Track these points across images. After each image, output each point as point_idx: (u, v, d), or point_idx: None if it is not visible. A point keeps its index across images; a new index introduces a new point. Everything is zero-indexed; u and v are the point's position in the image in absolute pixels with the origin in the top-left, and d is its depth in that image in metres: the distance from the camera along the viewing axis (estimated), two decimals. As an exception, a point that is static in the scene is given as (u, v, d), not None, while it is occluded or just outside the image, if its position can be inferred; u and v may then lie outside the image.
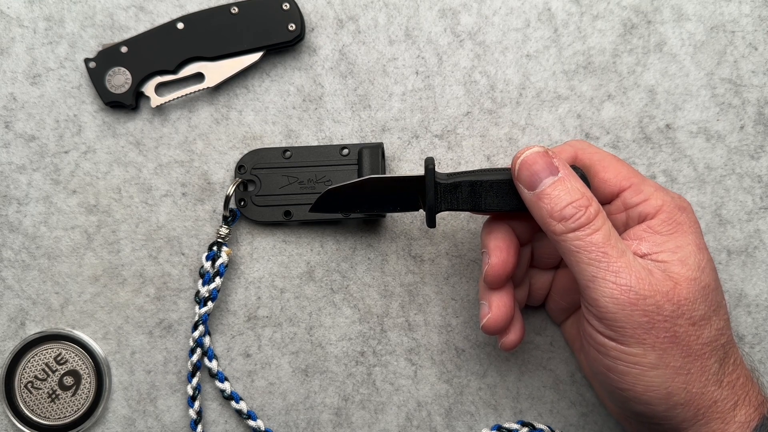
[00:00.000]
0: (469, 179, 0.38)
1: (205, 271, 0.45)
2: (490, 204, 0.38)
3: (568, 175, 0.36)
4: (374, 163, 0.44)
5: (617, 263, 0.34)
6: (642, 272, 0.34)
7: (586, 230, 0.35)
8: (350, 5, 0.46)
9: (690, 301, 0.34)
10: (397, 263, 0.46)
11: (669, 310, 0.34)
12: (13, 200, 0.46)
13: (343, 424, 0.45)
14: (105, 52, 0.46)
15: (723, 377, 0.35)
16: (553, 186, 0.36)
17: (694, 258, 0.35)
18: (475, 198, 0.38)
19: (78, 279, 0.46)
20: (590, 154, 0.39)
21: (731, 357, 0.36)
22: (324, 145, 0.45)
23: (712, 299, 0.35)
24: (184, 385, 0.46)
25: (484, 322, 0.40)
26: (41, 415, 0.45)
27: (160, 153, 0.47)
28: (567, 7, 0.46)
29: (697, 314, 0.35)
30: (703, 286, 0.35)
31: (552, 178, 0.36)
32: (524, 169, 0.36)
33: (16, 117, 0.47)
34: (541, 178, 0.36)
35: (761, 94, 0.45)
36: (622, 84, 0.46)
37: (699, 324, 0.35)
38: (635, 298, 0.34)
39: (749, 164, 0.45)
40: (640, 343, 0.34)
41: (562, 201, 0.35)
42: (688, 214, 0.37)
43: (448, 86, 0.46)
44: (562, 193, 0.35)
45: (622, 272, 0.34)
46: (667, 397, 0.34)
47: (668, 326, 0.34)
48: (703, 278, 0.35)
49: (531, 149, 0.37)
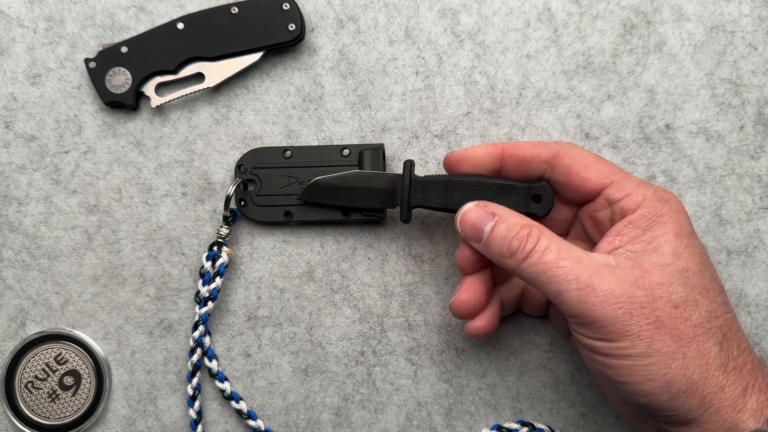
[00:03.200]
0: (442, 179, 0.41)
1: (206, 271, 0.45)
2: (460, 203, 0.40)
3: (503, 215, 0.38)
4: (375, 165, 0.44)
5: (574, 270, 0.35)
6: (603, 268, 0.35)
7: (535, 255, 0.36)
8: (350, 5, 0.46)
9: (664, 285, 0.35)
10: (397, 263, 0.46)
11: (642, 296, 0.34)
12: (13, 200, 0.47)
13: (343, 423, 0.45)
14: (105, 52, 0.46)
15: (727, 361, 0.34)
16: (493, 230, 0.38)
17: (669, 245, 0.36)
18: (447, 197, 0.41)
19: (78, 279, 0.46)
20: (571, 155, 0.39)
21: (734, 341, 0.35)
22: (325, 146, 0.45)
23: (694, 282, 0.35)
24: (184, 385, 0.46)
25: (450, 302, 0.41)
26: (41, 415, 0.45)
27: (160, 153, 0.47)
28: (567, 8, 0.46)
29: (677, 297, 0.35)
30: (680, 270, 0.35)
31: (491, 224, 0.38)
32: (466, 227, 0.39)
33: (16, 117, 0.47)
34: (482, 228, 0.38)
35: (761, 94, 0.45)
36: (622, 84, 0.46)
37: (682, 306, 0.35)
38: (603, 294, 0.34)
39: (749, 164, 0.45)
40: (624, 335, 0.34)
41: (506, 239, 0.37)
42: (670, 205, 0.37)
43: (448, 86, 0.46)
44: (503, 232, 0.38)
45: (582, 276, 0.35)
46: (667, 386, 0.34)
47: (647, 312, 0.34)
48: (679, 263, 0.35)
49: (465, 206, 0.39)
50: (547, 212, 0.40)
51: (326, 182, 0.44)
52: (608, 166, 0.39)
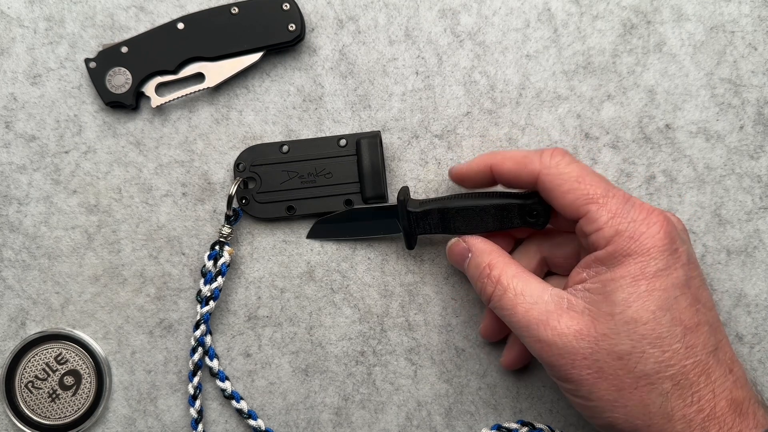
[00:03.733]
0: (438, 206, 0.42)
1: (207, 271, 0.45)
2: (459, 228, 0.42)
3: (474, 251, 0.40)
4: (373, 152, 0.44)
5: (526, 317, 0.37)
6: (553, 315, 0.36)
7: (495, 298, 0.38)
8: (350, 5, 0.46)
9: (608, 336, 0.34)
10: (397, 263, 0.46)
11: (585, 347, 0.35)
12: (13, 200, 0.47)
13: (343, 423, 0.45)
14: (105, 52, 0.46)
15: (674, 411, 0.34)
16: (468, 267, 0.41)
17: (622, 291, 0.35)
18: (445, 223, 0.42)
19: (78, 279, 0.46)
20: (551, 178, 0.37)
21: (689, 389, 0.34)
22: (321, 138, 0.45)
23: (643, 332, 0.34)
24: (184, 385, 0.46)
25: (480, 329, 0.44)
26: (42, 415, 0.45)
27: (160, 153, 0.47)
28: (567, 8, 0.46)
29: (621, 349, 0.34)
30: (627, 320, 0.34)
31: (467, 260, 0.41)
32: (451, 260, 0.43)
33: (16, 117, 0.47)
34: (462, 264, 0.41)
35: (761, 94, 0.45)
36: (622, 84, 0.46)
37: (626, 358, 0.34)
38: (547, 344, 0.36)
39: (749, 164, 0.45)
40: (569, 380, 0.36)
41: (474, 277, 0.40)
42: (641, 242, 0.35)
43: (448, 86, 0.46)
44: (473, 271, 0.40)
45: (531, 324, 0.36)
46: (610, 427, 0.35)
47: (589, 362, 0.35)
48: (627, 312, 0.34)
49: (450, 241, 0.42)
50: (543, 225, 0.40)
51: (329, 221, 0.45)
52: (587, 188, 0.37)
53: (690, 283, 0.35)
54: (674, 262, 0.35)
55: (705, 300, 0.36)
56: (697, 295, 0.36)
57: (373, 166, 0.44)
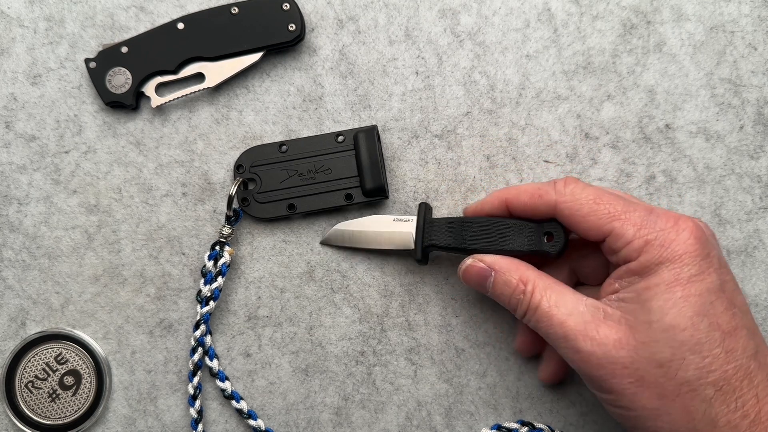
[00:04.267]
0: (456, 220, 0.42)
1: (207, 271, 0.45)
2: (474, 243, 0.41)
3: (499, 269, 0.39)
4: (371, 146, 0.44)
5: (563, 328, 0.36)
6: (590, 325, 0.36)
7: (530, 312, 0.38)
8: (350, 5, 0.46)
9: (647, 343, 0.34)
10: (397, 263, 0.46)
11: (625, 357, 0.35)
12: (13, 200, 0.47)
13: (343, 423, 0.46)
14: (105, 52, 0.46)
15: (719, 416, 0.34)
16: (494, 287, 0.40)
17: (658, 299, 0.34)
18: (460, 237, 0.42)
19: (78, 279, 0.46)
20: (569, 205, 0.38)
21: (732, 394, 0.34)
22: (319, 135, 0.46)
23: (682, 339, 0.34)
24: (184, 385, 0.46)
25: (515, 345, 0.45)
26: (42, 415, 0.45)
27: (160, 153, 0.47)
28: (567, 8, 0.46)
29: (661, 356, 0.34)
30: (665, 328, 0.34)
31: (491, 279, 0.40)
32: (469, 283, 0.41)
33: (16, 117, 0.47)
34: (483, 284, 0.40)
35: (761, 94, 0.45)
36: (622, 84, 0.46)
37: (667, 365, 0.34)
38: (586, 355, 0.36)
39: (749, 164, 0.45)
40: (609, 390, 0.35)
41: (505, 296, 0.39)
42: (673, 248, 0.35)
43: (448, 86, 0.46)
44: (501, 288, 0.39)
45: (569, 334, 0.36)
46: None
47: (629, 372, 0.35)
48: (665, 320, 0.34)
49: (463, 263, 0.41)
50: (559, 250, 0.40)
51: (344, 229, 0.45)
52: (606, 207, 0.37)
53: (724, 287, 0.35)
54: (707, 267, 0.35)
55: (740, 304, 0.36)
56: (732, 298, 0.35)
57: (371, 158, 0.44)
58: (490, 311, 0.45)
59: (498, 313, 0.45)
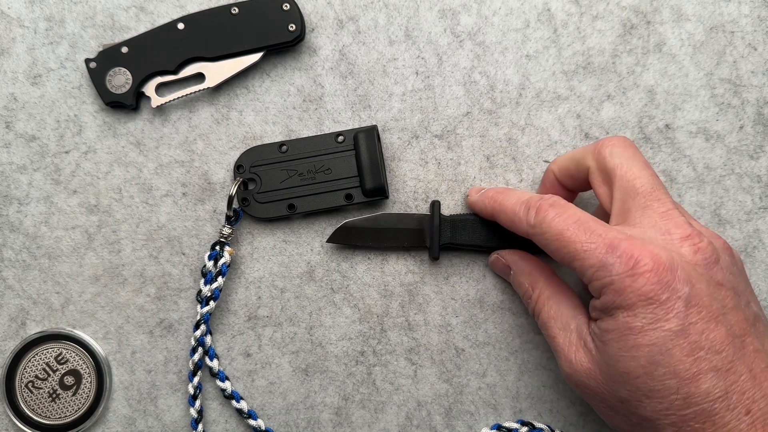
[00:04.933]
0: (469, 218, 0.44)
1: (207, 271, 0.45)
2: (486, 240, 0.44)
3: (516, 271, 0.43)
4: (371, 146, 0.44)
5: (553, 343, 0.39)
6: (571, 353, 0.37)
7: (535, 315, 0.41)
8: (350, 6, 0.46)
9: (609, 382, 0.35)
10: (397, 263, 0.46)
11: (595, 387, 0.36)
12: (13, 200, 0.47)
13: (343, 423, 0.46)
14: (105, 52, 0.46)
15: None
16: (512, 283, 0.44)
17: (612, 345, 0.34)
18: (474, 234, 0.44)
19: (79, 279, 0.46)
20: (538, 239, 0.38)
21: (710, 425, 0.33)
22: (319, 135, 0.46)
23: (637, 385, 0.33)
24: (184, 385, 0.46)
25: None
26: (42, 415, 0.46)
27: (160, 153, 0.47)
28: (566, 8, 0.46)
29: (622, 395, 0.35)
30: (620, 373, 0.34)
31: (510, 276, 0.44)
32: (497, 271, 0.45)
33: (16, 117, 0.47)
34: (506, 275, 0.44)
35: (760, 95, 0.45)
36: (622, 84, 0.46)
37: (627, 402, 0.34)
38: (567, 376, 0.38)
39: (748, 164, 0.45)
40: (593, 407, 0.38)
41: (519, 293, 0.43)
42: (625, 297, 0.33)
43: (447, 86, 0.46)
44: (516, 287, 0.43)
45: (557, 353, 0.39)
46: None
47: (599, 399, 0.36)
48: (620, 366, 0.34)
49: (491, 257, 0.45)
50: None
51: (355, 224, 0.45)
52: (569, 243, 0.35)
53: (688, 331, 0.33)
54: (665, 314, 0.33)
55: (715, 340, 0.33)
56: (699, 341, 0.33)
57: (371, 158, 0.44)
58: (490, 311, 0.46)
59: (498, 313, 0.45)
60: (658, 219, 0.36)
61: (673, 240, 0.35)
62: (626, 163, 0.38)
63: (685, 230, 0.35)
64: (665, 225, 0.36)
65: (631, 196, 0.37)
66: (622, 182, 0.38)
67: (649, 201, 0.37)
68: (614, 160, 0.38)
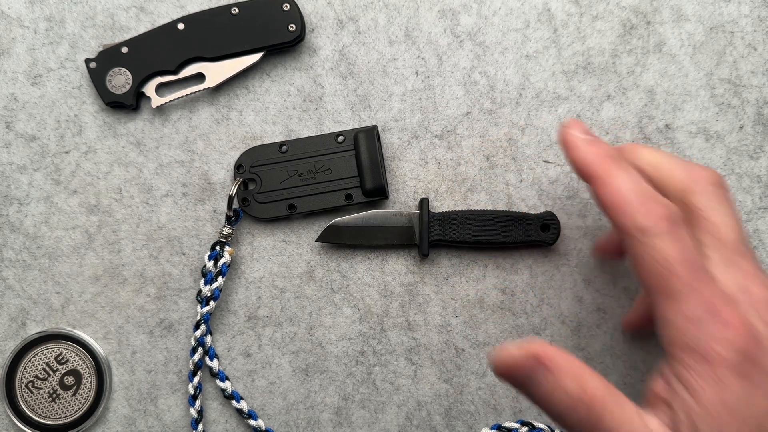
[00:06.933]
0: (458, 214, 0.44)
1: (207, 271, 0.45)
2: (476, 235, 0.44)
3: (558, 371, 0.32)
4: (371, 146, 0.44)
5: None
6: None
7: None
8: (350, 6, 0.46)
9: None
10: (397, 263, 0.46)
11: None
12: (14, 200, 0.47)
13: (343, 423, 0.46)
14: (105, 52, 0.46)
15: None
16: (542, 386, 0.32)
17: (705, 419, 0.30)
18: (463, 230, 0.44)
19: (79, 279, 0.46)
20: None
21: None
22: (319, 135, 0.46)
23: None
24: (184, 385, 0.46)
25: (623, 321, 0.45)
26: (42, 415, 0.46)
27: (160, 153, 0.47)
28: (566, 8, 0.46)
29: None
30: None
31: (538, 375, 0.32)
32: (502, 372, 0.32)
33: (16, 117, 0.47)
34: (523, 376, 0.33)
35: (760, 95, 0.45)
36: (622, 84, 0.46)
37: None
38: None
39: (748, 164, 0.45)
40: None
41: (565, 405, 0.32)
42: (703, 348, 0.30)
43: (447, 86, 0.46)
44: (560, 396, 0.33)
45: None
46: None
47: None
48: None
49: (500, 349, 0.32)
50: (554, 240, 0.44)
51: (344, 223, 0.45)
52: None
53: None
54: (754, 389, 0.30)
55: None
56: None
57: (371, 158, 0.44)
58: (490, 311, 0.46)
59: (498, 313, 0.46)
60: (742, 278, 0.32)
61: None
62: (716, 207, 0.34)
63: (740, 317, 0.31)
64: (722, 312, 0.31)
65: (716, 247, 0.33)
66: (708, 227, 0.33)
67: (735, 256, 0.33)
68: (703, 200, 0.34)
